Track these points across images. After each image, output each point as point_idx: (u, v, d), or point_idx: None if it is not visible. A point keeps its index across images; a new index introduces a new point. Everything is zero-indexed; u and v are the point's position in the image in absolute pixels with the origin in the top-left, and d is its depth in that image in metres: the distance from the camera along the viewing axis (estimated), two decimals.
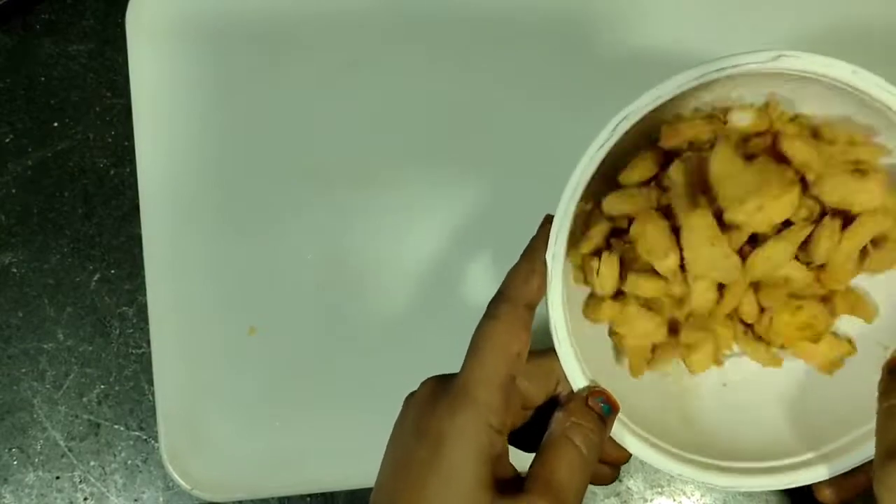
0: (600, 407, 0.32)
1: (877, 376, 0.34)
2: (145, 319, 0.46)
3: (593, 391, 0.32)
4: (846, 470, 0.33)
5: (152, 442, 0.47)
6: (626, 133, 0.32)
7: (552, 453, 0.30)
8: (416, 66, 0.46)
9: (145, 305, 0.46)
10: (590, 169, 0.32)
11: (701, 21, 0.45)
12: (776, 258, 0.34)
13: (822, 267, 0.35)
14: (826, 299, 0.37)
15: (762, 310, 0.36)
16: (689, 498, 0.46)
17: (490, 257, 0.45)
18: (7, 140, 0.49)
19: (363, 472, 0.44)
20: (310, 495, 0.46)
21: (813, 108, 0.34)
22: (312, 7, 0.46)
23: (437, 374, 0.34)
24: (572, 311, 0.34)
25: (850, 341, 0.38)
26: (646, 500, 0.46)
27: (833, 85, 0.32)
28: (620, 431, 0.33)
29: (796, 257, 0.35)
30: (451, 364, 0.44)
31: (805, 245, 0.35)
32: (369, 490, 0.45)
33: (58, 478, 0.47)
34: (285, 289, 0.45)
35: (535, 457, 0.31)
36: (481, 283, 0.45)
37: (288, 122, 0.46)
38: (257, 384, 0.45)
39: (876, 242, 0.35)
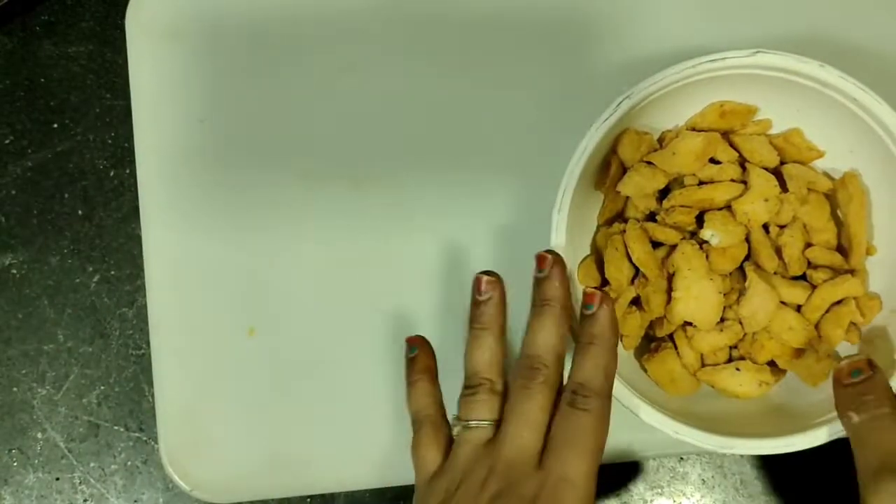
0: None
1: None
2: (145, 321, 0.46)
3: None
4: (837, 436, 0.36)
5: (152, 443, 0.47)
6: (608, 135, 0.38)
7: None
8: (415, 67, 0.46)
9: (145, 307, 0.46)
10: (595, 137, 0.37)
11: (700, 26, 0.46)
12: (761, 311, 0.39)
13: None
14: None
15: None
16: (688, 499, 0.46)
17: (490, 257, 0.45)
18: (7, 141, 0.49)
19: (363, 473, 0.44)
20: (310, 497, 0.46)
21: (776, 113, 0.41)
22: (312, 8, 0.47)
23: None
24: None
25: (836, 355, 0.40)
26: (646, 501, 0.46)
27: (803, 86, 0.38)
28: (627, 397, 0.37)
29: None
30: (451, 364, 0.44)
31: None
32: (369, 491, 0.46)
33: (58, 479, 0.47)
34: (285, 290, 0.45)
35: None
36: None
37: (287, 123, 0.46)
38: (257, 385, 0.45)
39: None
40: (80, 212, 0.48)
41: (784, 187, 0.40)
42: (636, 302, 0.40)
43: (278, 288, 0.45)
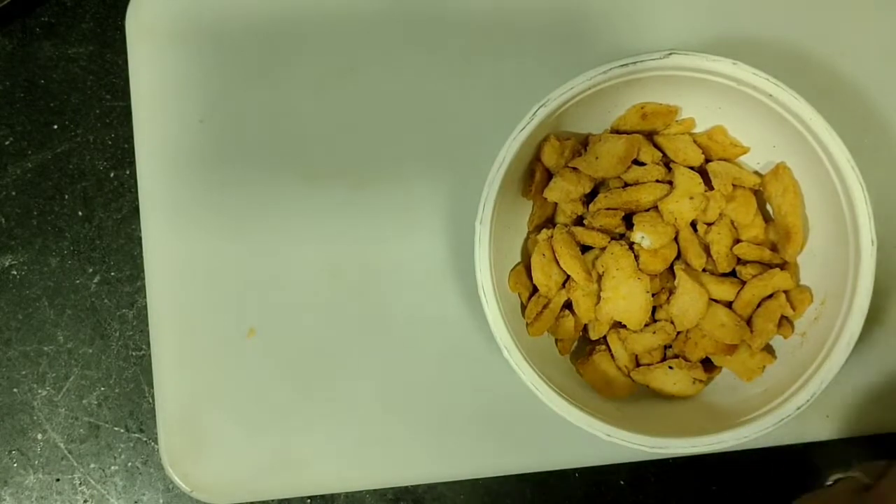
0: None
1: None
2: (145, 321, 0.46)
3: None
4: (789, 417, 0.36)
5: (152, 444, 0.47)
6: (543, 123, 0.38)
7: None
8: (415, 68, 0.46)
9: (145, 307, 0.46)
10: (514, 146, 0.38)
11: (699, 29, 0.46)
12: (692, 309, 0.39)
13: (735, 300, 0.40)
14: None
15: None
16: (689, 500, 0.46)
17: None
18: (7, 143, 0.49)
19: (363, 474, 0.44)
20: (310, 497, 0.46)
21: (699, 112, 0.41)
22: (312, 9, 0.47)
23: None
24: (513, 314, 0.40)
25: (770, 351, 0.41)
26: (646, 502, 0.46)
27: (721, 84, 0.38)
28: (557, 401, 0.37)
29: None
30: (452, 364, 0.45)
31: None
32: (369, 493, 0.46)
33: (58, 480, 0.47)
34: (285, 291, 0.45)
35: None
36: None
37: (287, 124, 0.46)
38: (257, 386, 0.45)
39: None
40: (79, 213, 0.48)
41: (710, 185, 0.40)
42: (570, 306, 0.41)
43: (278, 288, 0.45)
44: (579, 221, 0.41)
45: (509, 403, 0.44)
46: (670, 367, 0.40)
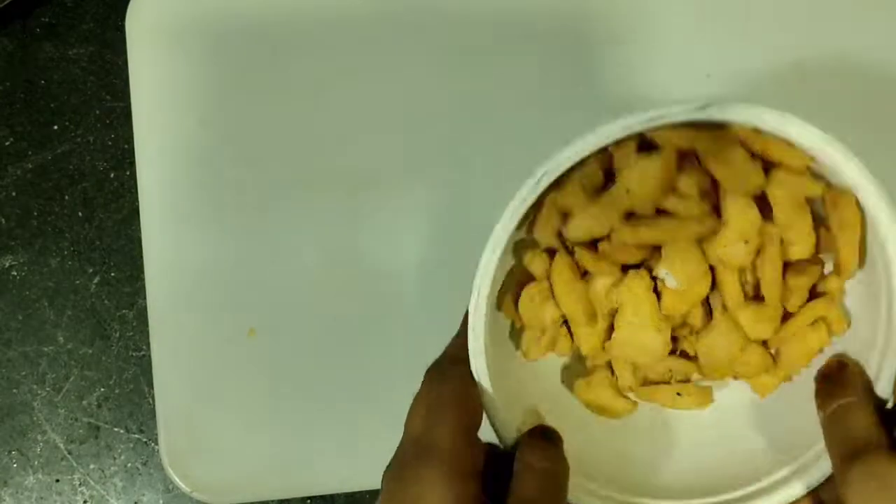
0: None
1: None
2: (145, 322, 0.46)
3: (534, 429, 0.33)
4: (821, 479, 0.31)
5: (152, 445, 0.47)
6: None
7: (515, 483, 0.30)
8: (416, 70, 0.46)
9: (145, 308, 0.46)
10: (512, 223, 0.32)
11: (701, 37, 0.46)
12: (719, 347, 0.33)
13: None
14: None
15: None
16: None
17: None
18: (7, 143, 0.49)
19: (363, 474, 0.44)
20: (310, 498, 0.46)
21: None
22: (312, 10, 0.47)
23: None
24: (503, 345, 0.35)
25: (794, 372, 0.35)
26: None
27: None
28: (576, 491, 0.32)
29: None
30: None
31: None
32: (369, 492, 0.46)
33: (57, 481, 0.47)
34: (285, 291, 0.45)
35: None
36: None
37: (288, 125, 0.46)
38: (257, 386, 0.45)
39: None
40: (80, 213, 0.48)
41: (766, 208, 0.31)
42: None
43: (278, 288, 0.45)
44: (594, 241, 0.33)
45: None
46: (678, 395, 0.35)
